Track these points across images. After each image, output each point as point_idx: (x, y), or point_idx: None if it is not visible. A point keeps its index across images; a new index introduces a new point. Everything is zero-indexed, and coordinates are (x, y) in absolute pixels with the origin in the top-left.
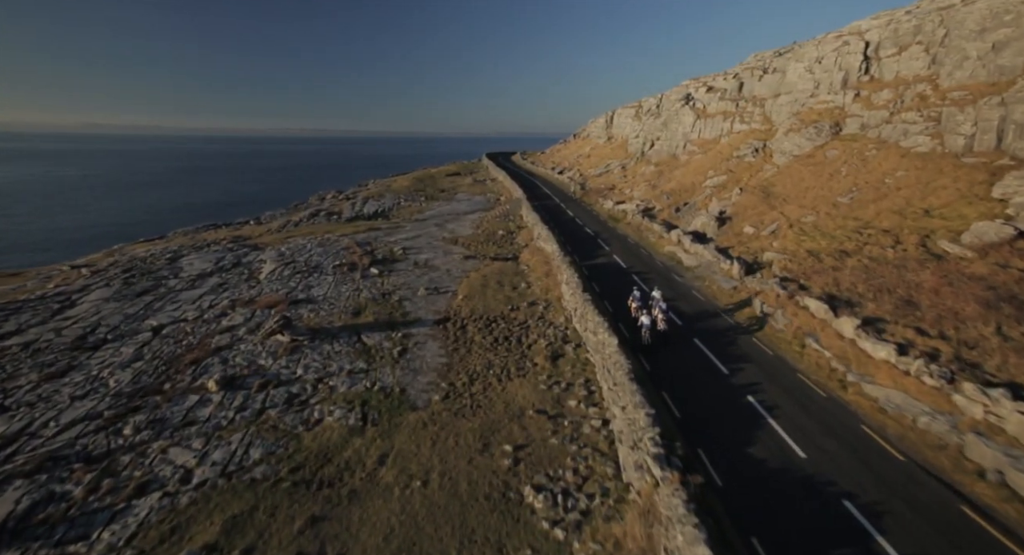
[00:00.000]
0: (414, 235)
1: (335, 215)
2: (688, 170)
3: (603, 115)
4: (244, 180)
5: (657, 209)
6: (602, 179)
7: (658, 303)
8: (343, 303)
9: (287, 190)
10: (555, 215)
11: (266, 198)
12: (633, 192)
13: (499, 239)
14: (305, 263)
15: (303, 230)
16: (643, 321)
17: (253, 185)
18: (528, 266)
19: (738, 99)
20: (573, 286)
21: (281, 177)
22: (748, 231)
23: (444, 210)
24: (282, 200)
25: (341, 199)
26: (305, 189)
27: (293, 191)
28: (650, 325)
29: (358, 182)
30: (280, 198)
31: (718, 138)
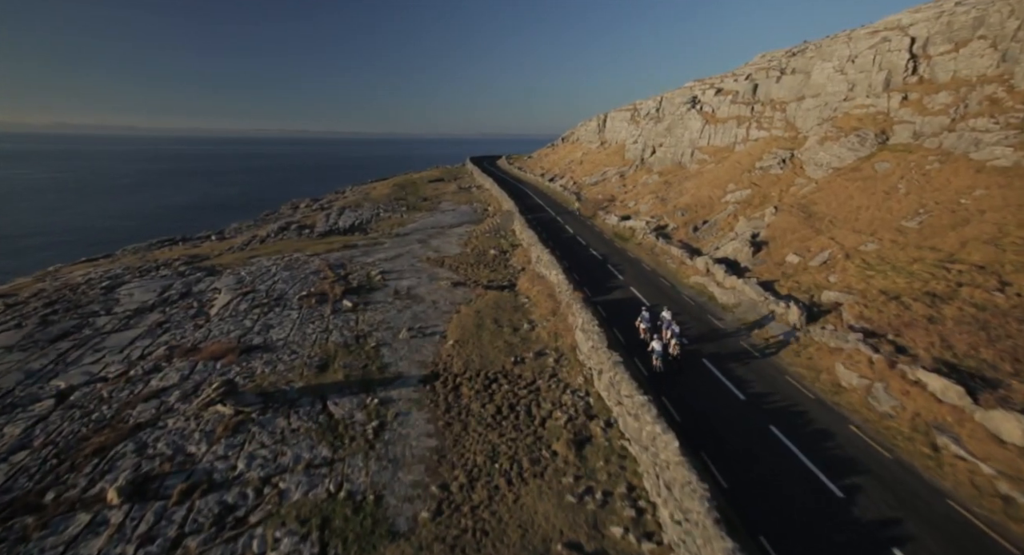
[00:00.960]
0: (394, 254)
1: (307, 229)
2: (702, 182)
3: (594, 118)
4: (218, 183)
5: (671, 228)
6: (599, 188)
7: (670, 325)
8: (307, 351)
9: (261, 195)
10: (553, 232)
11: (238, 204)
12: (638, 205)
13: (491, 260)
14: (267, 293)
15: (270, 247)
16: (654, 346)
17: (226, 189)
18: (529, 299)
19: (752, 102)
20: (593, 337)
21: (257, 180)
22: (792, 260)
23: (427, 222)
24: (254, 206)
25: (315, 209)
26: (280, 193)
27: (267, 196)
28: (662, 351)
29: (335, 189)
30: (253, 203)
31: (731, 146)
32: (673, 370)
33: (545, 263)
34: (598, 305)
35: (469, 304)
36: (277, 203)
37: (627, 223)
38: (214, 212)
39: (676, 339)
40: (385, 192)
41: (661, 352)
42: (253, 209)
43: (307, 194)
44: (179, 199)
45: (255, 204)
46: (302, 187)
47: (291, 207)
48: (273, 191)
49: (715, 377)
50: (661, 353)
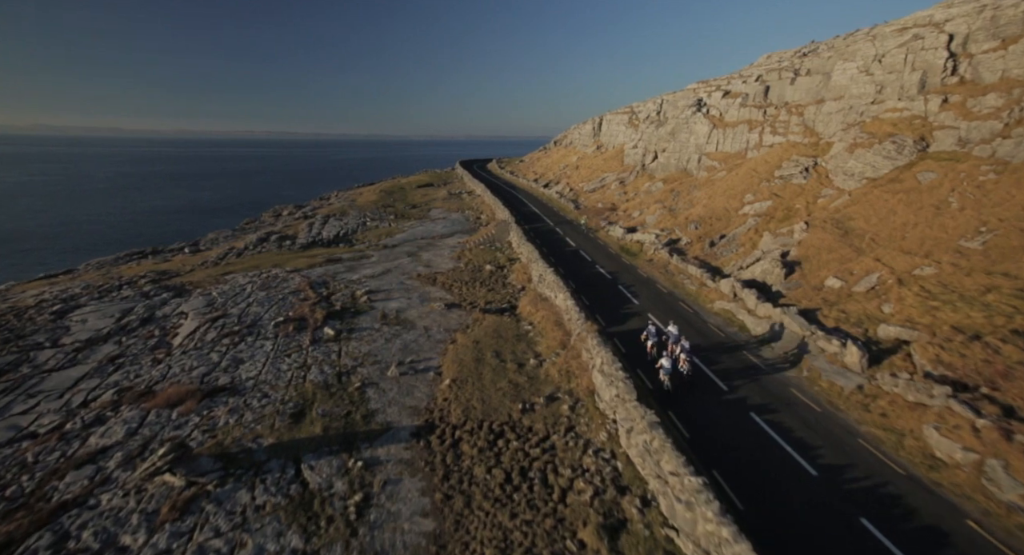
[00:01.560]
0: (382, 270)
1: (289, 240)
2: (715, 191)
3: (588, 121)
4: (199, 187)
5: (684, 242)
6: (598, 196)
7: (678, 340)
8: (281, 393)
9: (244, 200)
10: (553, 245)
11: (218, 210)
12: (644, 216)
13: (487, 277)
14: (239, 318)
15: (247, 262)
16: (663, 364)
17: (208, 193)
18: (533, 326)
19: (765, 106)
20: (617, 384)
21: (241, 184)
22: (832, 284)
23: (417, 232)
24: (235, 212)
25: (298, 218)
26: (264, 198)
27: (250, 201)
28: (670, 368)
29: (320, 195)
30: (234, 210)
31: (742, 152)
32: (683, 389)
33: (549, 284)
34: (615, 338)
35: (466, 331)
36: (260, 209)
37: (634, 236)
38: (192, 219)
39: (686, 355)
40: (372, 199)
41: (670, 369)
42: (234, 216)
43: (292, 199)
44: (155, 205)
45: (236, 210)
46: (287, 191)
47: (273, 215)
48: (256, 196)
49: (772, 439)
50: (670, 370)
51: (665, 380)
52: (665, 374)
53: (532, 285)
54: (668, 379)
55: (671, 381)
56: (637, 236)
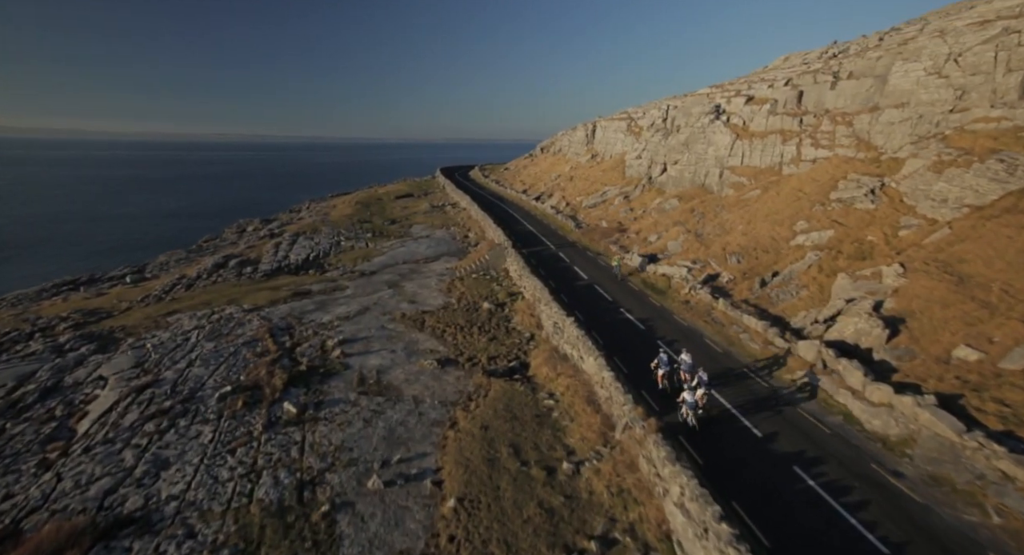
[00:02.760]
0: (359, 308)
1: (250, 266)
2: (752, 215)
3: (579, 127)
4: (160, 194)
5: (726, 280)
6: (600, 212)
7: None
8: (214, 528)
9: (206, 210)
10: (560, 276)
11: (175, 224)
12: (664, 242)
13: (486, 319)
14: (174, 387)
15: (197, 296)
16: (686, 398)
17: (168, 202)
18: (556, 399)
19: (799, 113)
20: (725, 549)
21: (207, 191)
22: (966, 355)
23: (398, 254)
24: (195, 227)
25: (263, 236)
26: (230, 207)
27: (214, 211)
28: (693, 404)
29: (290, 206)
30: (194, 223)
31: (775, 167)
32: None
33: (569, 338)
34: (677, 433)
35: (469, 407)
36: (225, 219)
37: (658, 268)
38: (144, 236)
39: (704, 388)
40: (347, 212)
41: (692, 404)
42: (192, 231)
43: (262, 206)
44: (107, 218)
45: (197, 224)
46: (257, 196)
47: (236, 231)
48: (223, 203)
49: None
50: (694, 405)
51: (689, 416)
52: (689, 409)
53: (544, 334)
54: (692, 415)
55: (695, 418)
56: (663, 268)
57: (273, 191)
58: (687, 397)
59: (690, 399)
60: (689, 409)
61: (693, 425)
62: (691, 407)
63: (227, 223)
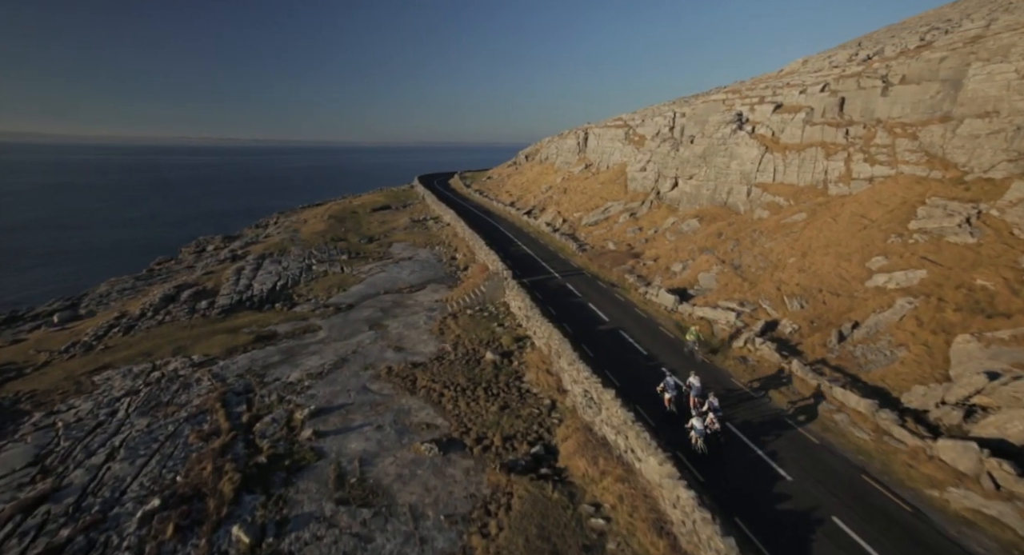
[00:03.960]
0: (334, 359)
1: (206, 299)
2: (807, 245)
3: (569, 133)
4: (114, 205)
5: (789, 330)
6: (603, 231)
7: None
8: None
9: (165, 221)
10: (576, 317)
11: (129, 241)
12: (694, 273)
13: (491, 376)
14: (80, 500)
15: (137, 343)
16: (694, 424)
17: (122, 212)
18: (608, 519)
19: (843, 123)
20: None
21: (166, 200)
22: None
23: (378, 281)
24: (152, 244)
25: (224, 259)
26: (193, 218)
27: (174, 219)
28: (702, 430)
29: (256, 221)
30: (151, 238)
31: (819, 185)
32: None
33: (615, 422)
34: None
35: (487, 529)
36: (183, 237)
37: (694, 309)
38: (88, 257)
39: (714, 413)
40: (319, 228)
41: (702, 431)
42: (147, 250)
43: (226, 218)
44: (46, 233)
45: (154, 240)
46: (222, 205)
47: (195, 251)
48: (182, 216)
49: None
50: (703, 431)
51: (698, 442)
52: (698, 435)
53: (569, 402)
54: (702, 441)
55: (705, 443)
56: (701, 310)
57: (240, 199)
58: (696, 423)
59: (699, 425)
60: (698, 435)
61: (703, 451)
62: (700, 433)
63: (186, 239)
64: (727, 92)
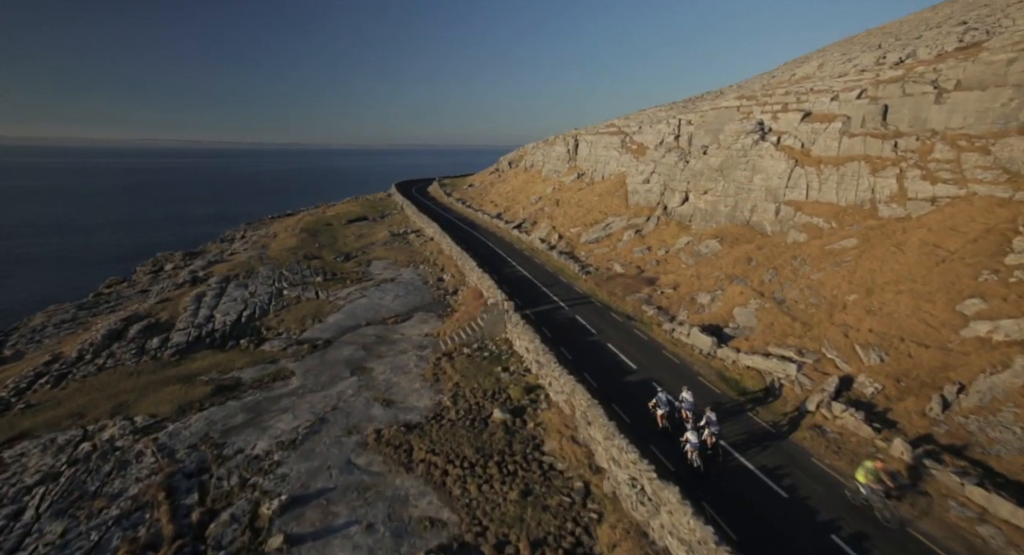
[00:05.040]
0: (310, 420)
1: (159, 334)
2: (874, 281)
3: (557, 139)
4: (72, 207)
5: (870, 390)
6: (605, 250)
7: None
8: None
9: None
10: (600, 366)
11: (81, 254)
12: (727, 307)
13: (503, 444)
14: None
15: (68, 399)
16: (689, 438)
17: (83, 217)
18: None
19: (890, 135)
20: None
21: (128, 207)
22: None
23: (359, 309)
24: (106, 260)
25: (183, 281)
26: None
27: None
28: (698, 443)
29: (221, 235)
30: (106, 251)
31: (865, 205)
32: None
33: (681, 531)
34: None
35: None
36: (142, 251)
37: (739, 357)
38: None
39: (711, 429)
40: (290, 243)
41: (697, 444)
42: (100, 264)
43: (190, 228)
44: None
45: (108, 253)
46: (186, 212)
47: (150, 271)
48: (142, 225)
49: None
50: (697, 445)
51: (693, 455)
52: (693, 449)
53: (607, 487)
54: (697, 455)
55: (700, 457)
56: (747, 358)
57: (207, 205)
58: (691, 437)
59: (694, 439)
60: (694, 449)
61: (698, 466)
62: (695, 447)
63: (145, 250)
64: (741, 98)
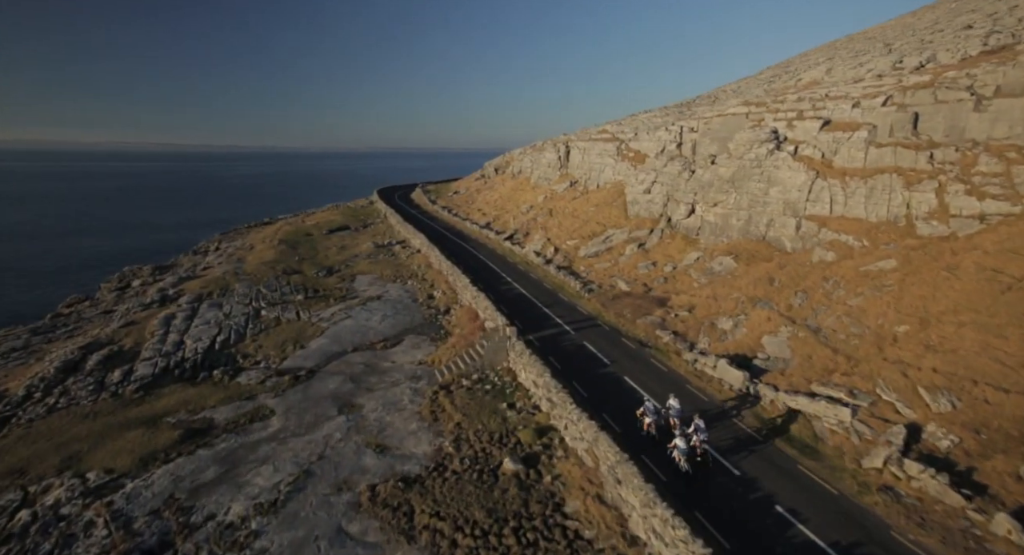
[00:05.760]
0: (294, 475)
1: (122, 366)
2: (927, 312)
3: (546, 144)
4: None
5: (945, 444)
6: (607, 265)
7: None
8: None
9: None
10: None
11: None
12: (755, 336)
13: (519, 505)
14: None
15: (11, 450)
16: (678, 444)
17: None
18: None
19: (923, 145)
20: None
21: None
22: None
23: (344, 332)
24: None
25: (151, 301)
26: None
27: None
28: (687, 449)
29: (194, 247)
30: (72, 263)
31: (900, 222)
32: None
33: None
34: None
35: None
36: (109, 262)
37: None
38: None
39: (699, 435)
40: (267, 256)
41: (686, 450)
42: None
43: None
44: None
45: (72, 265)
46: (159, 220)
47: (116, 287)
48: (111, 234)
49: None
50: (686, 451)
51: (681, 461)
52: (682, 455)
53: None
54: (686, 460)
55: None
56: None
57: (179, 212)
58: (680, 443)
59: (683, 445)
60: (682, 455)
61: (687, 470)
62: (684, 453)
63: (112, 263)
64: (748, 104)
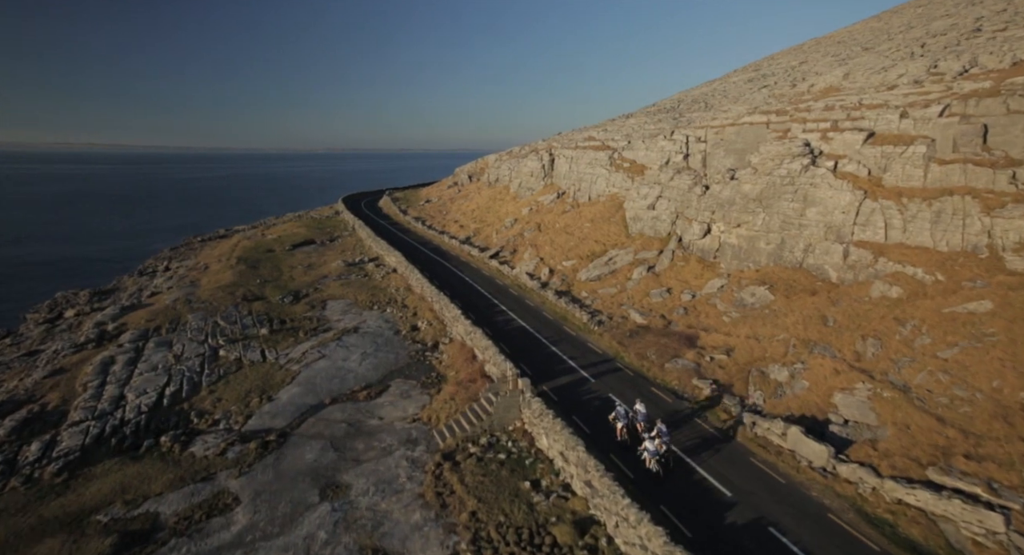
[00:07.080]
0: None
1: (41, 436)
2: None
3: (528, 150)
4: None
5: None
6: (612, 291)
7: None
8: None
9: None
10: (680, 496)
11: None
12: (823, 392)
13: None
14: None
15: None
16: (647, 446)
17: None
18: None
19: (1000, 163)
20: None
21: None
22: None
23: (319, 376)
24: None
25: (86, 339)
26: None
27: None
28: (655, 451)
29: (139, 266)
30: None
31: (981, 253)
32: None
33: None
34: None
35: None
36: (40, 284)
37: (888, 485)
38: None
39: (663, 438)
40: (225, 278)
41: (655, 452)
42: None
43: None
44: None
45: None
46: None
47: (44, 319)
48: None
49: None
50: (655, 453)
51: (651, 462)
52: (651, 457)
53: None
54: (655, 461)
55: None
56: (903, 492)
57: (126, 219)
58: (648, 446)
59: (651, 447)
60: (651, 456)
61: (657, 471)
62: (652, 454)
63: (43, 288)
64: (767, 112)
